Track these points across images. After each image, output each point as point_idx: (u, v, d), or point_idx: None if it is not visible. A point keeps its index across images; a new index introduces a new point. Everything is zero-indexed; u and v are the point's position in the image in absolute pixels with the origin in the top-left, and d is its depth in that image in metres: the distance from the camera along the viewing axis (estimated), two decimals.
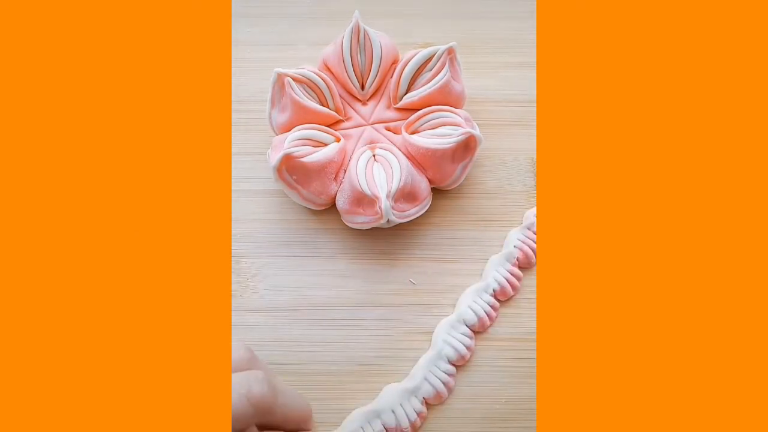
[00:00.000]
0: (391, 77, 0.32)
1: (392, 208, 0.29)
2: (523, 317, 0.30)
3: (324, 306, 0.30)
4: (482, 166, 0.33)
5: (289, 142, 0.29)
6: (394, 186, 0.28)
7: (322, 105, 0.31)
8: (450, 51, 0.31)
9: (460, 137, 0.29)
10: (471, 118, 0.31)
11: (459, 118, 0.30)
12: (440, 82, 0.31)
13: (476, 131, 0.30)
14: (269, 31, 0.36)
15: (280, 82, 0.31)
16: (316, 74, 0.31)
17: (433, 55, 0.31)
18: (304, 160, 0.29)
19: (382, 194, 0.28)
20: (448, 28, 0.36)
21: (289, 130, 0.31)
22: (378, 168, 0.30)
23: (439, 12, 0.37)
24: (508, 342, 0.29)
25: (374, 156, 0.30)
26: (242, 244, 0.31)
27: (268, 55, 0.36)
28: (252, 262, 0.31)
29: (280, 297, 0.30)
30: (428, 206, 0.31)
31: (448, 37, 0.32)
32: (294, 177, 0.30)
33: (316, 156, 0.29)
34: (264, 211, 0.32)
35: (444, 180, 0.31)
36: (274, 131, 0.32)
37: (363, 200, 0.29)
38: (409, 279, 0.30)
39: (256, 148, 0.33)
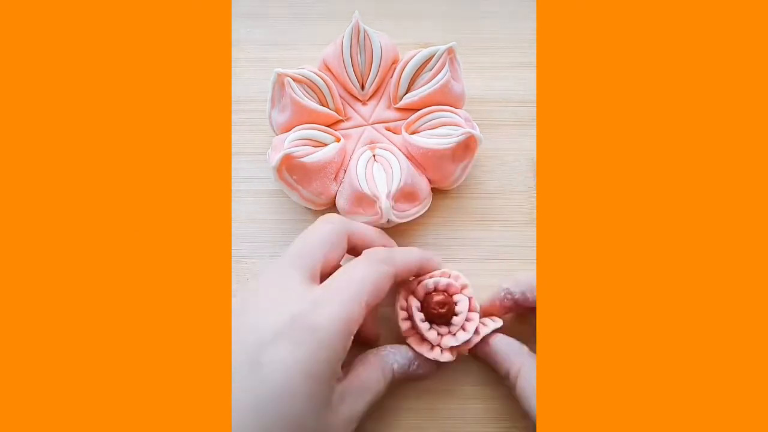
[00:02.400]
0: (391, 77, 0.32)
1: (392, 208, 0.29)
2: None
3: None
4: (482, 166, 0.33)
5: (289, 142, 0.29)
6: (394, 186, 0.28)
7: (322, 105, 0.31)
8: (450, 51, 0.31)
9: (460, 137, 0.29)
10: (471, 118, 0.31)
11: (459, 118, 0.30)
12: (440, 82, 0.31)
13: (476, 131, 0.30)
14: (269, 31, 0.36)
15: (280, 82, 0.31)
16: (316, 74, 0.31)
17: (433, 55, 0.31)
18: (304, 160, 0.29)
19: (382, 194, 0.28)
20: (448, 28, 0.36)
21: (289, 130, 0.31)
22: (378, 168, 0.30)
23: (439, 12, 0.37)
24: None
25: (374, 156, 0.30)
26: (242, 244, 0.31)
27: (268, 55, 0.35)
28: (252, 263, 0.31)
29: None
30: (428, 206, 0.31)
31: (448, 37, 0.32)
32: (294, 177, 0.30)
33: (316, 156, 0.29)
34: (264, 211, 0.32)
35: (444, 180, 0.31)
36: (274, 131, 0.32)
37: (363, 200, 0.29)
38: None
39: (256, 148, 0.33)
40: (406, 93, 0.32)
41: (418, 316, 0.27)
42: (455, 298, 0.27)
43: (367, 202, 0.29)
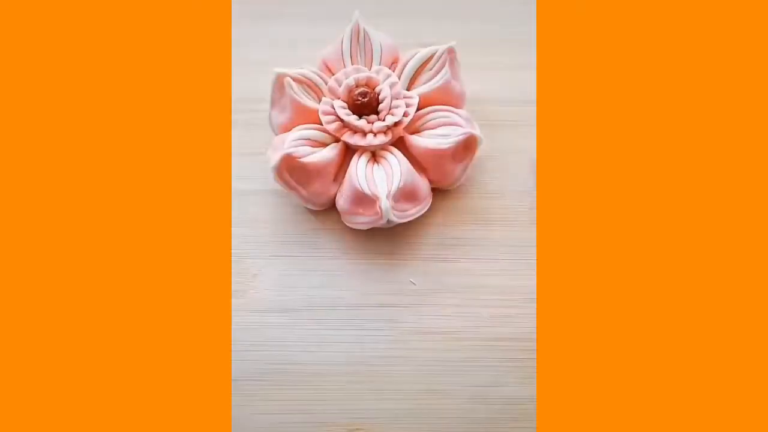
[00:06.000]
0: None
1: (392, 208, 0.29)
2: (523, 317, 0.30)
3: (326, 306, 0.30)
4: (483, 166, 0.33)
5: (289, 143, 0.29)
6: (394, 186, 0.28)
7: None
8: (450, 51, 0.31)
9: (459, 137, 0.29)
10: (471, 117, 0.31)
11: (459, 118, 0.30)
12: (440, 82, 0.31)
13: (476, 131, 0.30)
14: (269, 32, 0.36)
15: (279, 82, 0.31)
16: (316, 74, 0.31)
17: (433, 54, 0.31)
18: (303, 160, 0.29)
19: (382, 194, 0.28)
20: (449, 29, 0.36)
21: (290, 130, 0.31)
22: (378, 168, 0.30)
23: (441, 12, 0.37)
24: (509, 342, 0.29)
25: (374, 156, 0.30)
26: (243, 244, 0.31)
27: (268, 55, 0.35)
28: (253, 263, 0.31)
29: (283, 297, 0.30)
30: (429, 206, 0.31)
31: (449, 36, 0.32)
32: (294, 177, 0.30)
33: (315, 156, 0.29)
34: (264, 212, 0.32)
35: (445, 180, 0.31)
36: (274, 131, 0.32)
37: (363, 200, 0.29)
38: (409, 279, 0.30)
39: (257, 148, 0.33)
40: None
41: (344, 112, 0.29)
42: (377, 89, 0.29)
43: (367, 202, 0.29)
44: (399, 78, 0.31)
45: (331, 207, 0.31)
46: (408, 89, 0.32)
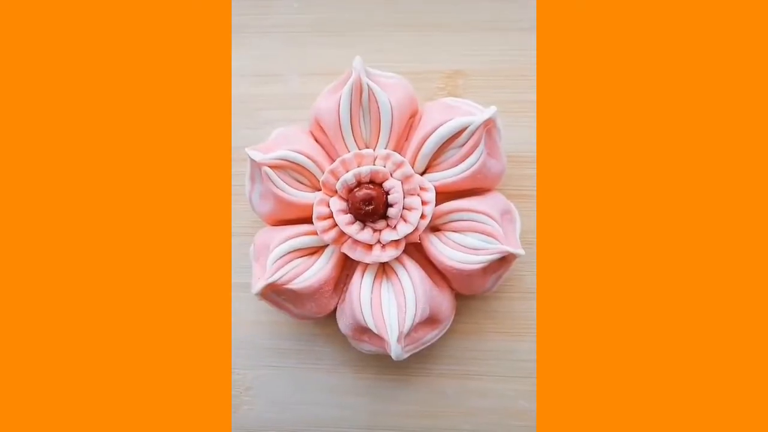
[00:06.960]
0: (406, 140, 0.24)
1: (406, 344, 0.23)
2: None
3: (327, 427, 0.26)
4: None
5: (272, 263, 0.23)
6: (408, 323, 0.23)
7: (316, 190, 0.24)
8: (488, 123, 0.22)
9: (493, 256, 0.22)
10: (511, 208, 0.24)
11: (496, 226, 0.23)
12: (474, 167, 0.23)
13: (515, 247, 0.23)
14: (250, 55, 0.27)
15: (256, 167, 0.23)
16: (303, 155, 0.23)
17: (465, 128, 0.22)
18: (292, 286, 0.23)
19: (391, 336, 0.22)
20: (478, 44, 0.26)
21: (276, 222, 0.24)
22: (387, 288, 0.23)
23: (465, 20, 0.26)
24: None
25: (383, 268, 0.24)
26: (234, 349, 0.27)
27: (248, 90, 0.27)
28: (245, 373, 0.27)
29: (279, 414, 0.26)
30: (450, 324, 0.25)
31: (478, 56, 0.24)
32: (283, 297, 0.24)
33: (307, 281, 0.23)
34: (258, 311, 0.27)
35: (470, 291, 0.25)
36: (255, 213, 0.25)
37: (368, 330, 0.23)
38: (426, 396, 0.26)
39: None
40: (425, 172, 0.24)
41: (343, 219, 0.22)
42: (385, 185, 0.22)
43: (374, 333, 0.23)
44: (415, 157, 0.23)
45: (331, 315, 0.26)
46: (428, 168, 0.23)
